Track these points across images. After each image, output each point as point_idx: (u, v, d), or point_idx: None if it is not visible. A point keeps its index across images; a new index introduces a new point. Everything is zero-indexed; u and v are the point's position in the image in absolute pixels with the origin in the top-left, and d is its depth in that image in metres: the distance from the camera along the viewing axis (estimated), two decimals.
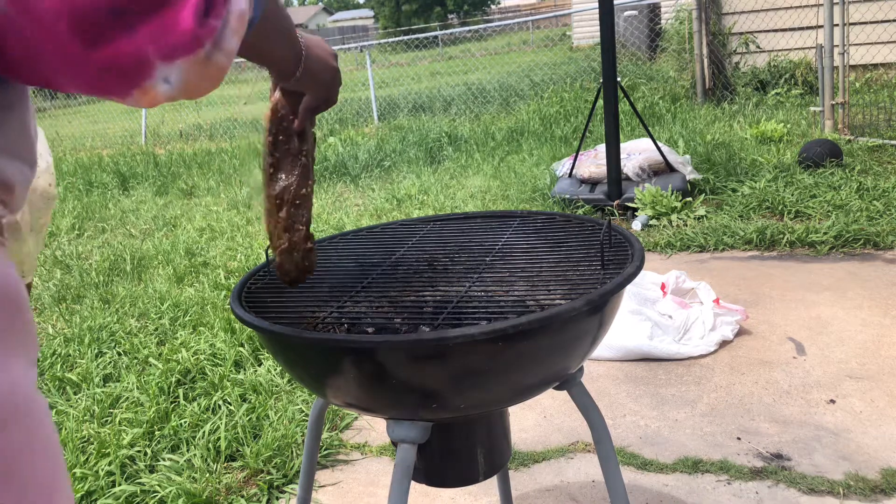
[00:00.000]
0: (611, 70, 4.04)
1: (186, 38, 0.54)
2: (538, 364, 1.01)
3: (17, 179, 0.59)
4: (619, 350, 2.51)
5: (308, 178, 1.06)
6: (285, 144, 1.03)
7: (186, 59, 0.54)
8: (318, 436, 1.37)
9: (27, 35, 0.50)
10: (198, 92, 0.58)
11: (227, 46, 0.57)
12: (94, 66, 0.52)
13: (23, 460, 0.54)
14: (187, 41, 0.54)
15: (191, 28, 0.53)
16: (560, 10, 25.92)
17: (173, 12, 0.52)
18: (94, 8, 0.50)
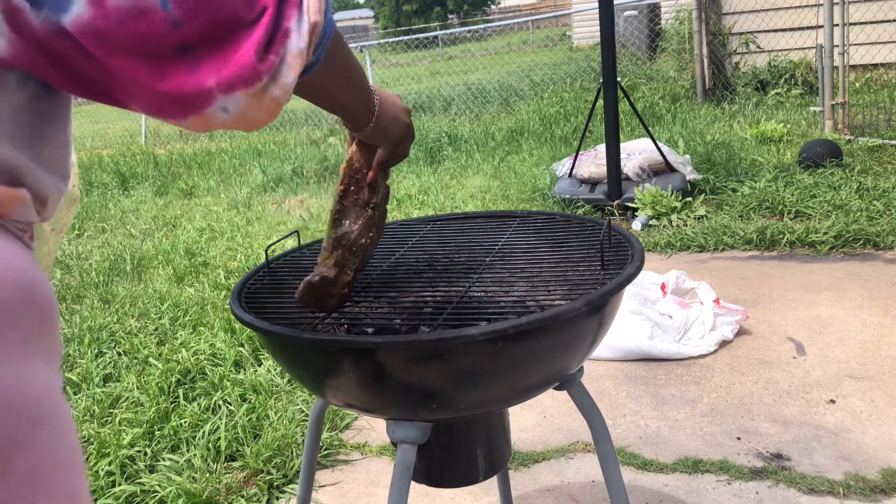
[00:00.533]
0: (611, 70, 4.04)
1: (246, 71, 0.58)
2: (538, 364, 1.01)
3: (52, 192, 0.62)
4: (619, 350, 2.51)
5: (370, 230, 1.08)
6: (355, 195, 1.07)
7: (245, 91, 0.58)
8: (318, 436, 1.37)
9: (101, 61, 0.54)
10: (252, 123, 0.62)
11: (284, 81, 0.61)
12: (158, 94, 0.56)
13: (48, 465, 0.56)
14: (247, 75, 0.58)
15: (251, 62, 0.58)
16: (560, 10, 25.92)
17: (235, 48, 0.57)
18: (164, 44, 0.54)
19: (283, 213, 5.23)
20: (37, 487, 0.55)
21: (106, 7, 0.53)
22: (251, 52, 0.58)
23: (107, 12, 0.53)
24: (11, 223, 0.58)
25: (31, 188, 0.59)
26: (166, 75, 0.56)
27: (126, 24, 0.54)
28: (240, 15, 0.57)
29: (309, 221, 4.76)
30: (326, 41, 0.70)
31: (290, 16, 0.61)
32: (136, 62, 0.55)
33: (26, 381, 0.54)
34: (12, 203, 0.57)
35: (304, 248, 1.42)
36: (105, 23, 0.53)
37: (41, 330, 0.57)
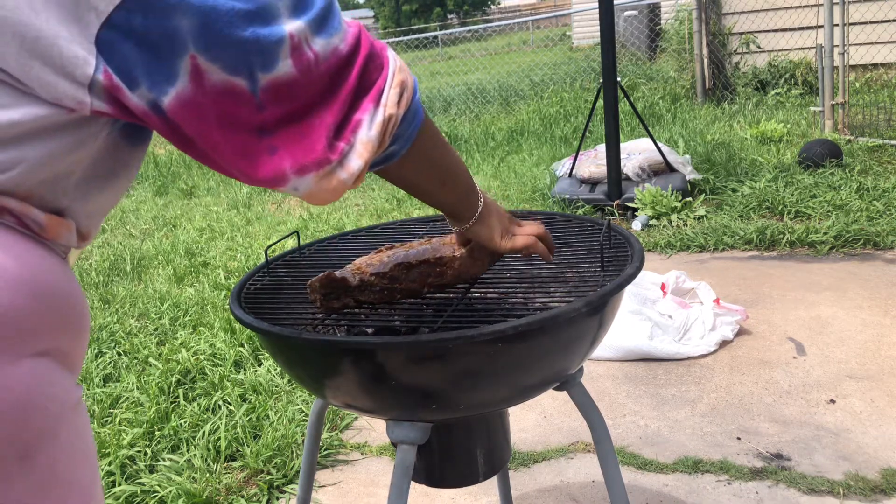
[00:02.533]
0: (611, 70, 4.04)
1: (317, 157, 0.67)
2: (538, 365, 1.01)
3: (93, 230, 0.71)
4: (619, 350, 2.51)
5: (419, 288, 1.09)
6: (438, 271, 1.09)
7: (315, 174, 0.68)
8: (318, 436, 1.37)
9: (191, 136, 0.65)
10: (319, 200, 0.71)
11: (351, 166, 0.69)
12: (241, 171, 0.67)
13: (67, 461, 0.61)
14: (317, 160, 0.67)
15: (321, 150, 0.67)
16: (560, 10, 25.92)
17: (309, 137, 0.67)
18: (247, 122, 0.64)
19: (283, 214, 5.23)
20: (57, 482, 0.59)
21: (205, 85, 0.62)
22: (322, 139, 0.67)
23: (205, 90, 0.62)
24: (57, 245, 0.65)
25: (78, 224, 0.67)
26: (248, 155, 0.66)
27: (219, 99, 0.62)
28: (318, 108, 0.66)
29: (309, 221, 4.76)
30: (411, 133, 0.77)
31: (364, 108, 0.70)
32: (223, 137, 0.64)
33: (51, 381, 0.59)
34: (59, 229, 0.64)
35: (304, 249, 1.42)
36: (203, 98, 0.62)
37: (79, 345, 0.64)
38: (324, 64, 0.66)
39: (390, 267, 1.07)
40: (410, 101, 0.76)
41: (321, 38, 0.66)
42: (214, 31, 0.60)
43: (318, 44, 0.66)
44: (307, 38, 0.65)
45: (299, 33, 0.64)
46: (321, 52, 0.66)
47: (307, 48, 0.65)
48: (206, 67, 0.61)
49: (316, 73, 0.66)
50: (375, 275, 1.07)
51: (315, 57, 0.66)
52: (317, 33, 0.66)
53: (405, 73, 0.76)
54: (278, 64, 0.63)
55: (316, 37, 0.66)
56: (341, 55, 0.68)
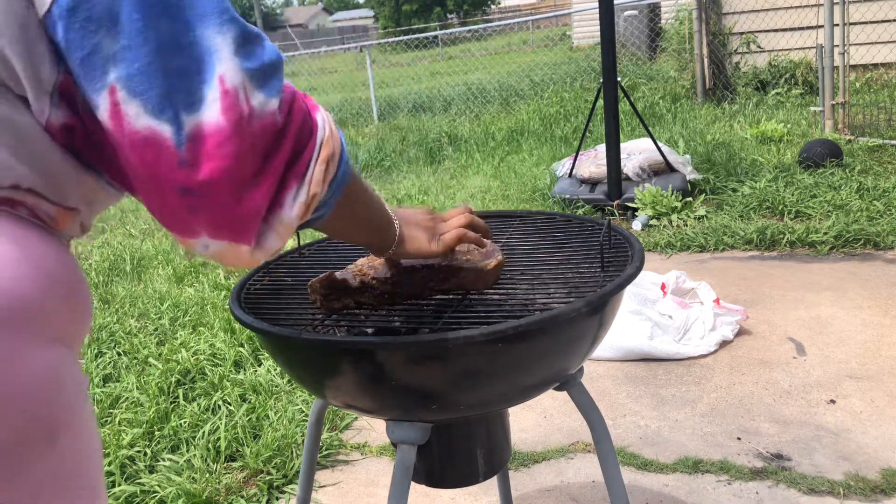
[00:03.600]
0: (611, 70, 4.04)
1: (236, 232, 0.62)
2: (538, 365, 1.01)
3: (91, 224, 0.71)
4: (619, 350, 2.51)
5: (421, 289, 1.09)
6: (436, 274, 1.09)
7: (228, 242, 0.63)
8: (318, 436, 1.37)
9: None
10: (228, 264, 0.66)
11: (268, 246, 0.65)
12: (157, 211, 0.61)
13: (85, 448, 0.62)
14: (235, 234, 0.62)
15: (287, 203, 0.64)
16: (560, 10, 25.91)
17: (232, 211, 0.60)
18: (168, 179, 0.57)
19: None
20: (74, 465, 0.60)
21: (123, 127, 0.56)
22: (250, 221, 0.62)
23: (123, 132, 0.56)
24: (63, 236, 0.65)
25: (83, 218, 0.67)
26: (167, 207, 0.60)
27: (137, 149, 0.56)
28: (245, 178, 0.59)
29: None
30: (334, 200, 0.73)
31: (290, 186, 0.64)
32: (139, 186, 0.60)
33: (68, 364, 0.60)
34: (67, 221, 0.64)
35: (304, 249, 1.42)
36: (121, 139, 0.57)
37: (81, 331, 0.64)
38: (257, 124, 0.59)
39: (392, 270, 1.07)
40: (336, 171, 0.70)
41: (262, 93, 0.59)
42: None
43: (257, 99, 0.59)
44: (246, 87, 0.58)
45: (235, 77, 0.58)
46: (258, 109, 0.59)
47: (243, 99, 0.58)
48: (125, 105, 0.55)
49: (248, 132, 0.58)
50: (377, 278, 1.07)
51: (250, 113, 0.58)
52: (258, 87, 0.59)
53: (333, 141, 0.70)
54: (203, 106, 0.56)
55: (256, 91, 0.59)
56: (277, 121, 0.61)
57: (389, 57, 19.57)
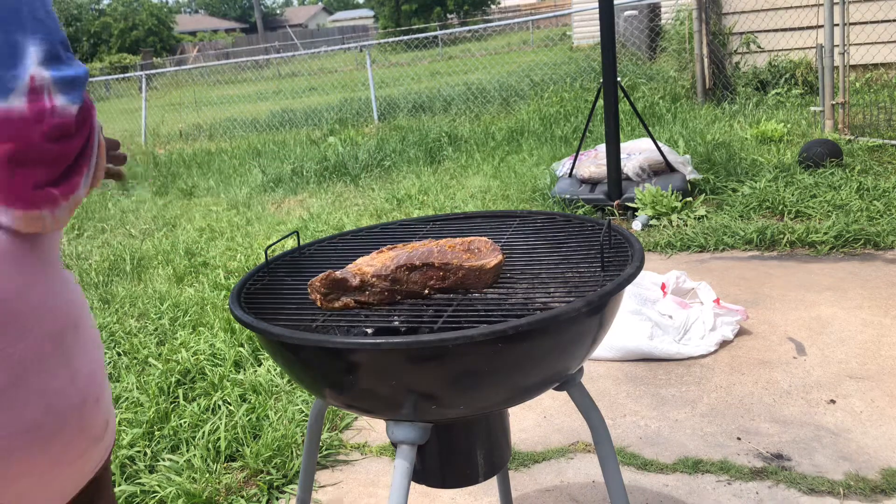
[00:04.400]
0: (611, 70, 4.04)
1: (26, 204, 0.76)
2: (538, 365, 1.01)
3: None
4: (619, 350, 2.51)
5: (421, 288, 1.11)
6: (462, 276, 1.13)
7: (23, 213, 0.76)
8: (318, 436, 1.37)
9: None
10: (24, 230, 0.78)
11: (61, 219, 0.80)
12: None
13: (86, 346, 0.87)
14: (27, 205, 0.76)
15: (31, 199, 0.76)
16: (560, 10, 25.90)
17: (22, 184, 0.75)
18: None
19: (283, 214, 5.23)
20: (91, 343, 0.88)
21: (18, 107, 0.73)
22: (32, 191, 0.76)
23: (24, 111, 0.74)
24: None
25: None
26: None
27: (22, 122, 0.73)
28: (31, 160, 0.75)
29: (309, 221, 4.76)
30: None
31: (81, 171, 0.81)
32: None
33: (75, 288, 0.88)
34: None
35: (304, 249, 1.42)
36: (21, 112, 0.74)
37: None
38: (58, 118, 0.75)
39: (392, 268, 1.07)
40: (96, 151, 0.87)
41: (65, 98, 0.76)
42: None
43: (60, 101, 0.76)
44: (50, 89, 0.75)
45: (42, 81, 0.74)
46: (60, 108, 0.76)
47: (47, 97, 0.75)
48: None
49: (48, 122, 0.74)
50: (376, 276, 1.07)
51: (52, 109, 0.75)
52: (62, 92, 0.76)
53: (100, 134, 0.87)
54: (10, 96, 0.73)
55: (59, 94, 0.76)
56: (71, 121, 0.77)
57: (389, 57, 19.57)
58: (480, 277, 1.09)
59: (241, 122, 10.29)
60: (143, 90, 10.79)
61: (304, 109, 10.12)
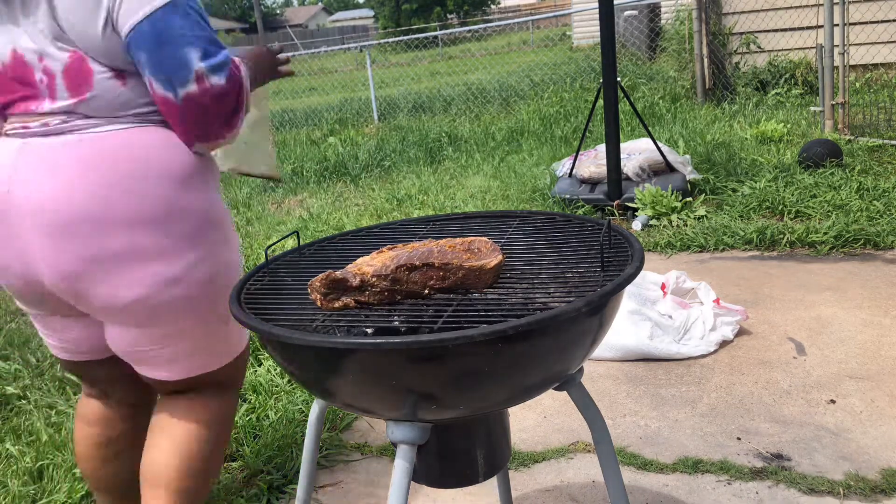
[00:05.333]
0: (611, 70, 4.04)
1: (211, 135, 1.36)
2: (538, 365, 1.01)
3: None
4: (619, 350, 2.51)
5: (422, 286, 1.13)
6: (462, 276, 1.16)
7: (207, 145, 1.39)
8: (318, 436, 1.37)
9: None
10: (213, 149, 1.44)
11: (232, 135, 1.40)
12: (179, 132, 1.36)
13: (228, 246, 1.43)
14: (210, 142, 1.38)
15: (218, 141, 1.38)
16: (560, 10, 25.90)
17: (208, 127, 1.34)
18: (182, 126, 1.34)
19: (283, 214, 5.23)
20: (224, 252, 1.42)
21: (155, 94, 1.30)
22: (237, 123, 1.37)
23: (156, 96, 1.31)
24: None
25: None
26: (178, 128, 1.34)
27: (161, 104, 1.33)
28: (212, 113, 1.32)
29: (309, 221, 4.76)
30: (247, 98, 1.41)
31: (239, 116, 1.37)
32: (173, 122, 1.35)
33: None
34: None
35: (304, 249, 1.42)
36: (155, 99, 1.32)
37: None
38: (214, 90, 1.29)
39: (392, 268, 1.07)
40: (248, 96, 1.40)
41: (216, 76, 1.29)
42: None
43: (213, 79, 1.28)
44: (207, 74, 1.28)
45: (203, 72, 1.27)
46: (214, 83, 1.29)
47: (209, 80, 1.28)
48: (154, 86, 1.30)
49: (212, 92, 1.29)
50: (376, 276, 1.07)
51: (210, 86, 1.28)
52: (213, 73, 1.28)
53: (249, 84, 1.39)
54: (188, 84, 1.27)
55: (212, 75, 1.28)
56: (224, 90, 1.30)
57: (389, 57, 19.56)
58: (480, 277, 1.09)
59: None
60: None
61: (304, 109, 10.12)
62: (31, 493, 2.04)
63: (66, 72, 1.27)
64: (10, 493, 2.02)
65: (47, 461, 2.14)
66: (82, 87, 1.27)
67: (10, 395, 2.65)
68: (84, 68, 1.27)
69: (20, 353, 3.00)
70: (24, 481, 2.08)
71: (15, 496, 2.00)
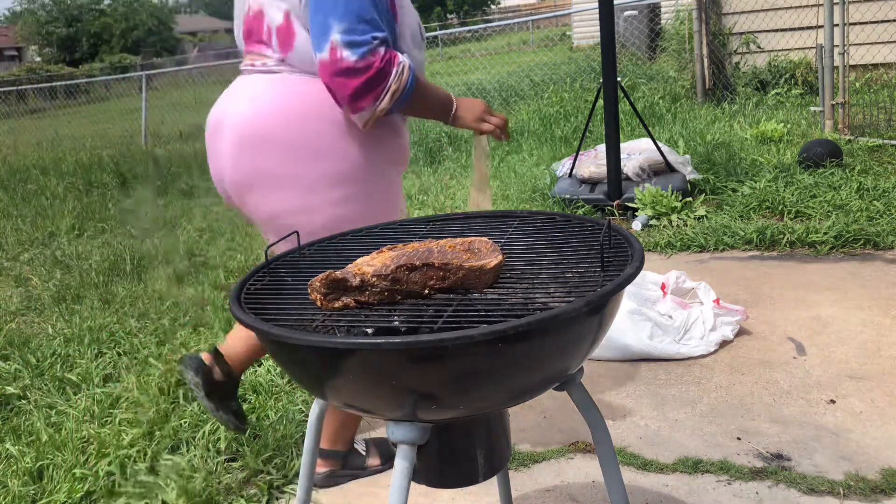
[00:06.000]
0: (611, 70, 4.03)
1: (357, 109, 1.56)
2: (538, 365, 1.01)
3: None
4: (619, 350, 2.51)
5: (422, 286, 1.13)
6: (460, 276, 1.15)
7: (363, 112, 1.57)
8: (318, 436, 1.37)
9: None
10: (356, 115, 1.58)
11: (359, 120, 1.58)
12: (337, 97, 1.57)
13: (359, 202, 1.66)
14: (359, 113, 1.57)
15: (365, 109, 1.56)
16: (560, 10, 25.89)
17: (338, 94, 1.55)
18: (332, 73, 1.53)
19: None
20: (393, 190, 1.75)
21: (323, 57, 1.51)
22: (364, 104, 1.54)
23: (323, 60, 1.51)
24: None
25: None
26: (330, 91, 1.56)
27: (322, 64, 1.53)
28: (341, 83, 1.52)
29: None
30: (399, 106, 1.58)
31: (367, 100, 1.53)
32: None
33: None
34: None
35: (304, 249, 1.42)
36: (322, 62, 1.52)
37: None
38: (342, 64, 1.48)
39: (392, 268, 1.07)
40: (399, 97, 1.55)
41: (346, 52, 1.47)
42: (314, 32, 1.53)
43: (344, 53, 1.47)
44: (340, 47, 1.47)
45: (337, 44, 1.47)
46: (344, 58, 1.48)
47: (340, 52, 1.47)
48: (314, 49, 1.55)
49: (339, 65, 1.48)
50: (377, 276, 1.07)
51: (341, 57, 1.48)
52: (346, 48, 1.47)
53: (400, 84, 1.54)
54: (323, 51, 1.49)
55: (345, 49, 1.47)
56: (352, 66, 1.48)
57: None
58: (480, 278, 1.09)
59: None
60: (144, 90, 10.78)
61: None
62: (31, 493, 2.04)
63: (278, 30, 1.60)
64: (10, 493, 2.02)
65: (47, 461, 2.14)
66: (287, 45, 1.59)
67: (10, 395, 2.65)
68: (290, 30, 1.58)
69: (20, 353, 3.00)
70: (24, 481, 2.08)
71: (15, 496, 2.00)
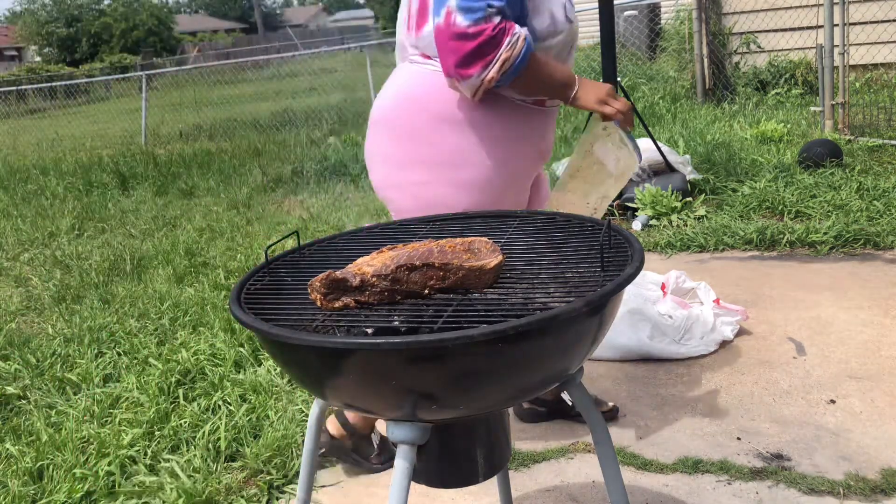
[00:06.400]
0: (611, 70, 4.03)
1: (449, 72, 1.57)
2: (538, 365, 1.01)
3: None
4: (619, 350, 2.51)
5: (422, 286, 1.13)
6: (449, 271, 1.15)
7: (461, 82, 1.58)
8: (318, 436, 1.37)
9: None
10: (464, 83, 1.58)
11: (464, 88, 1.59)
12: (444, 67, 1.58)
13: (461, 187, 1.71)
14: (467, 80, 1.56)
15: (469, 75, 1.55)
16: None
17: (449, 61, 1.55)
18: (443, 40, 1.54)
19: (283, 214, 5.23)
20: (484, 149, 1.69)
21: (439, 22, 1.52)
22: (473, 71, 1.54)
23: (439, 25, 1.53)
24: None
25: None
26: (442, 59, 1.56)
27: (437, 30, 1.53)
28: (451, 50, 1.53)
29: (309, 221, 4.76)
30: (509, 79, 1.55)
31: (475, 67, 1.52)
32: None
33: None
34: None
35: (304, 249, 1.42)
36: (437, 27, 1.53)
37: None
38: (455, 28, 1.49)
39: (392, 268, 1.07)
40: (509, 69, 1.53)
41: (460, 17, 1.48)
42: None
43: (458, 18, 1.48)
44: (454, 12, 1.48)
45: (452, 9, 1.48)
46: (457, 23, 1.48)
47: (454, 17, 1.49)
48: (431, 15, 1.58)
49: (452, 29, 1.49)
50: (376, 276, 1.07)
51: (455, 21, 1.49)
52: (461, 13, 1.48)
53: (512, 54, 1.51)
54: (440, 15, 1.51)
55: (459, 14, 1.48)
56: (464, 31, 1.48)
57: (390, 57, 19.51)
58: (480, 278, 1.09)
59: (241, 123, 10.29)
60: (144, 90, 10.79)
61: (305, 109, 10.12)
62: (31, 493, 2.04)
63: (419, 11, 1.69)
64: (10, 493, 2.02)
65: (47, 461, 2.14)
66: (418, 30, 1.69)
67: (10, 395, 2.65)
68: (424, 16, 1.67)
69: (20, 353, 3.00)
70: (24, 481, 2.08)
71: (15, 496, 2.00)
